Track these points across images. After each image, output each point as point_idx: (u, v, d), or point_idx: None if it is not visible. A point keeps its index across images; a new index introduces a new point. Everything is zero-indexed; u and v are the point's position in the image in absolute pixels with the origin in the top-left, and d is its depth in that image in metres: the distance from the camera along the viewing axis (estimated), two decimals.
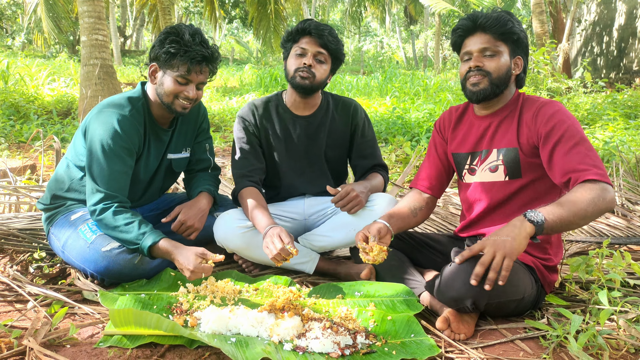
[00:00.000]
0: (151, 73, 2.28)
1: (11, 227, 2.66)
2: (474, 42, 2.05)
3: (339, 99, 2.61)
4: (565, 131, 1.90)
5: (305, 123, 2.54)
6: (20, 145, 5.68)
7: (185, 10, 23.80)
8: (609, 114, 7.06)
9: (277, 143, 2.54)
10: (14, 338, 1.64)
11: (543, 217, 1.73)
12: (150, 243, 2.08)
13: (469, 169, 2.18)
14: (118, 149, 2.17)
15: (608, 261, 2.24)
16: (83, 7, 6.84)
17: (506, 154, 2.05)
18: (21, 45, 23.08)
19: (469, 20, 2.06)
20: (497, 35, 2.01)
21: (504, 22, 2.01)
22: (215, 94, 11.93)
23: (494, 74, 2.02)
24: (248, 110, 2.55)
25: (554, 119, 1.94)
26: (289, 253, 2.08)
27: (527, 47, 2.10)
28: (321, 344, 1.68)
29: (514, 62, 2.06)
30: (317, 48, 2.38)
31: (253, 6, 15.59)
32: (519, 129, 2.03)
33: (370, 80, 14.32)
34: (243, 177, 2.47)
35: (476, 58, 2.05)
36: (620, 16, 12.57)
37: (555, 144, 1.91)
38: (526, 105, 2.06)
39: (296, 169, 2.57)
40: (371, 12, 29.55)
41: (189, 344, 1.69)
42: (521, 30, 2.05)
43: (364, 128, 2.59)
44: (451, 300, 1.85)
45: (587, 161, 1.83)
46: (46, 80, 10.15)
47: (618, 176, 3.82)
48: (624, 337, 1.79)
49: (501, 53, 2.02)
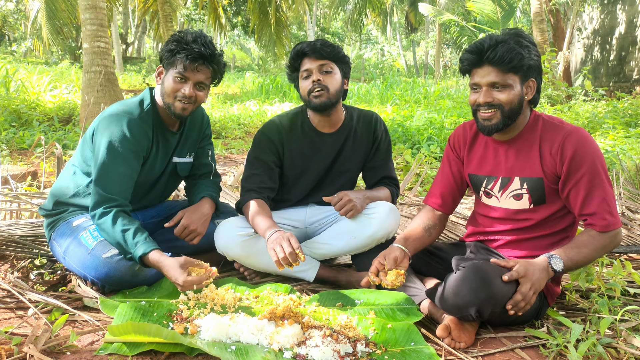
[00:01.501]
0: (157, 74, 2.32)
1: (12, 233, 2.67)
2: (482, 75, 1.95)
3: (361, 112, 2.59)
4: (587, 171, 1.91)
5: (332, 141, 2.51)
6: (22, 152, 5.69)
7: (187, 18, 23.90)
8: (609, 122, 7.08)
9: (301, 161, 2.50)
10: (14, 345, 1.65)
11: (562, 267, 1.87)
12: (140, 253, 2.08)
13: (485, 192, 2.16)
14: (126, 151, 2.19)
15: (608, 270, 2.25)
16: (85, 15, 6.88)
17: (531, 183, 2.02)
18: (23, 53, 23.16)
19: (474, 54, 1.95)
20: (507, 69, 1.91)
21: (512, 56, 1.89)
22: (217, 101, 11.96)
23: (506, 107, 1.94)
24: (275, 129, 2.48)
25: (578, 155, 1.91)
26: (296, 259, 2.06)
27: (540, 67, 2.00)
28: (321, 352, 1.68)
29: (526, 86, 1.97)
30: (318, 62, 2.36)
31: (255, 14, 15.66)
32: (542, 158, 1.99)
33: (371, 88, 14.36)
34: (251, 192, 2.42)
35: (485, 93, 1.95)
36: (620, 25, 12.61)
37: (576, 182, 1.92)
38: (547, 131, 2.00)
39: (313, 183, 2.55)
40: (372, 19, 29.65)
41: (189, 351, 1.69)
42: (533, 56, 1.94)
43: (381, 140, 2.58)
44: (455, 308, 1.85)
45: (604, 207, 1.90)
46: (48, 87, 10.18)
47: (618, 185, 3.82)
48: (624, 346, 1.79)
49: (512, 85, 1.93)
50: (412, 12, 25.79)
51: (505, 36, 1.94)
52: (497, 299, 1.80)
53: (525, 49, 1.91)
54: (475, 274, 1.82)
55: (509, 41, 1.91)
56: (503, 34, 1.96)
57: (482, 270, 1.82)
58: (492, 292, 1.79)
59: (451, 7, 19.06)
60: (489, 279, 1.80)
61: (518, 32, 1.97)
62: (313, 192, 2.58)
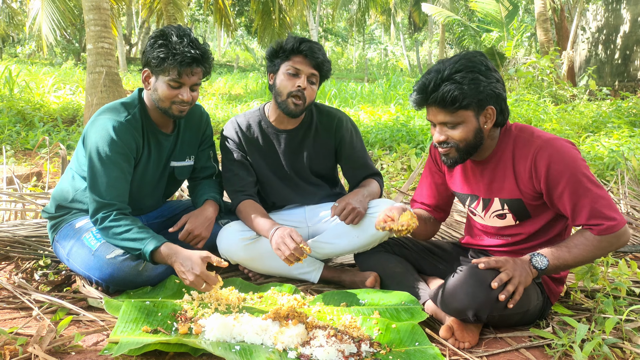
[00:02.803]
0: (144, 79, 2.27)
1: (17, 234, 2.67)
2: (432, 114, 1.87)
3: (324, 110, 2.56)
4: (566, 184, 1.81)
5: (289, 137, 2.51)
6: (26, 153, 5.70)
7: (190, 18, 23.93)
8: (614, 121, 7.05)
9: (262, 159, 2.53)
10: (19, 345, 1.65)
11: (546, 265, 1.82)
12: (152, 248, 2.07)
13: (470, 211, 2.14)
14: (114, 155, 2.17)
15: (613, 269, 2.24)
16: (89, 16, 6.89)
17: (510, 203, 1.96)
18: (28, 54, 23.22)
19: (420, 94, 1.84)
20: (454, 109, 1.80)
21: (455, 97, 1.76)
22: (220, 101, 11.97)
23: (461, 144, 1.86)
24: (231, 129, 2.53)
25: (553, 170, 1.82)
26: (302, 252, 2.06)
27: (498, 90, 1.83)
28: (325, 352, 1.68)
29: (484, 115, 1.85)
30: (310, 70, 2.33)
31: (258, 14, 15.65)
32: (517, 179, 1.91)
33: (374, 88, 14.34)
34: (237, 193, 2.47)
35: (439, 131, 1.87)
36: (624, 24, 12.56)
37: (559, 197, 1.84)
38: (519, 148, 1.90)
39: (285, 183, 2.57)
40: (375, 18, 29.62)
41: (193, 351, 1.69)
42: (488, 84, 1.79)
43: (351, 140, 2.55)
44: (454, 311, 1.86)
45: (596, 214, 1.79)
46: (52, 87, 10.20)
47: (623, 184, 3.81)
48: (630, 346, 1.78)
49: (464, 122, 1.83)
50: (416, 12, 25.75)
51: (454, 68, 1.79)
52: (495, 303, 1.78)
53: (474, 82, 1.77)
54: (472, 277, 1.81)
55: (455, 76, 1.78)
56: (454, 62, 1.81)
57: (479, 274, 1.81)
58: (489, 296, 1.77)
59: (455, 8, 19.05)
60: (486, 283, 1.78)
61: (471, 59, 1.81)
62: (295, 193, 2.58)
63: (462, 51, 1.94)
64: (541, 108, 8.01)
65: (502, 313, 1.83)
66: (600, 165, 4.72)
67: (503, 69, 11.46)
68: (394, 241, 2.41)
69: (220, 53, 31.80)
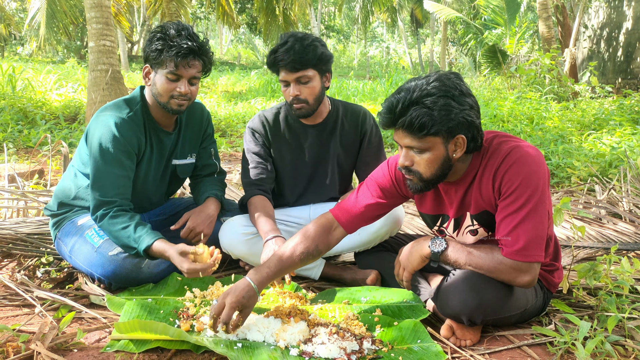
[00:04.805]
0: (145, 75, 2.28)
1: (19, 231, 2.68)
2: (399, 137, 1.73)
3: (348, 106, 2.60)
4: (515, 199, 1.69)
5: (316, 131, 2.52)
6: (28, 150, 5.71)
7: (192, 16, 23.92)
8: (616, 119, 7.03)
9: (288, 153, 2.53)
10: (21, 342, 1.66)
11: (441, 250, 1.78)
12: (144, 246, 2.08)
13: (438, 230, 2.04)
14: (117, 152, 2.17)
15: (616, 267, 2.23)
16: (91, 14, 6.90)
17: (479, 217, 1.87)
18: (30, 52, 23.24)
19: (388, 114, 1.69)
20: (422, 135, 1.66)
21: (423, 123, 1.62)
22: (222, 99, 11.97)
23: (425, 174, 1.74)
24: (258, 122, 2.53)
25: (506, 184, 1.71)
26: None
27: (471, 118, 1.68)
28: (327, 349, 1.68)
29: (454, 144, 1.70)
30: (294, 75, 2.29)
31: (262, 12, 15.66)
32: (482, 192, 1.81)
33: (376, 85, 14.32)
34: (252, 186, 2.47)
35: (404, 155, 1.74)
36: (627, 21, 12.51)
37: (503, 209, 1.73)
38: (488, 167, 1.78)
39: (306, 178, 2.57)
40: (378, 16, 29.56)
41: (195, 348, 1.70)
42: (460, 112, 1.65)
43: (371, 134, 2.58)
44: (448, 315, 1.86)
45: (519, 233, 1.68)
46: (54, 85, 10.21)
47: (625, 182, 3.80)
48: (632, 343, 1.78)
49: (431, 149, 1.70)
50: (418, 9, 25.69)
51: (425, 91, 1.64)
52: (488, 308, 1.78)
53: (445, 108, 1.63)
54: (464, 283, 1.79)
55: (425, 100, 1.63)
56: (426, 83, 1.66)
57: (471, 279, 1.79)
58: (481, 301, 1.76)
59: (458, 8, 19.00)
60: (478, 288, 1.76)
61: (445, 82, 1.66)
62: (309, 189, 2.59)
63: (464, 49, 1.88)
64: (543, 106, 7.99)
65: (497, 317, 1.83)
66: (602, 162, 4.71)
67: (505, 67, 11.44)
68: (395, 240, 2.42)
69: (222, 51, 31.78)
